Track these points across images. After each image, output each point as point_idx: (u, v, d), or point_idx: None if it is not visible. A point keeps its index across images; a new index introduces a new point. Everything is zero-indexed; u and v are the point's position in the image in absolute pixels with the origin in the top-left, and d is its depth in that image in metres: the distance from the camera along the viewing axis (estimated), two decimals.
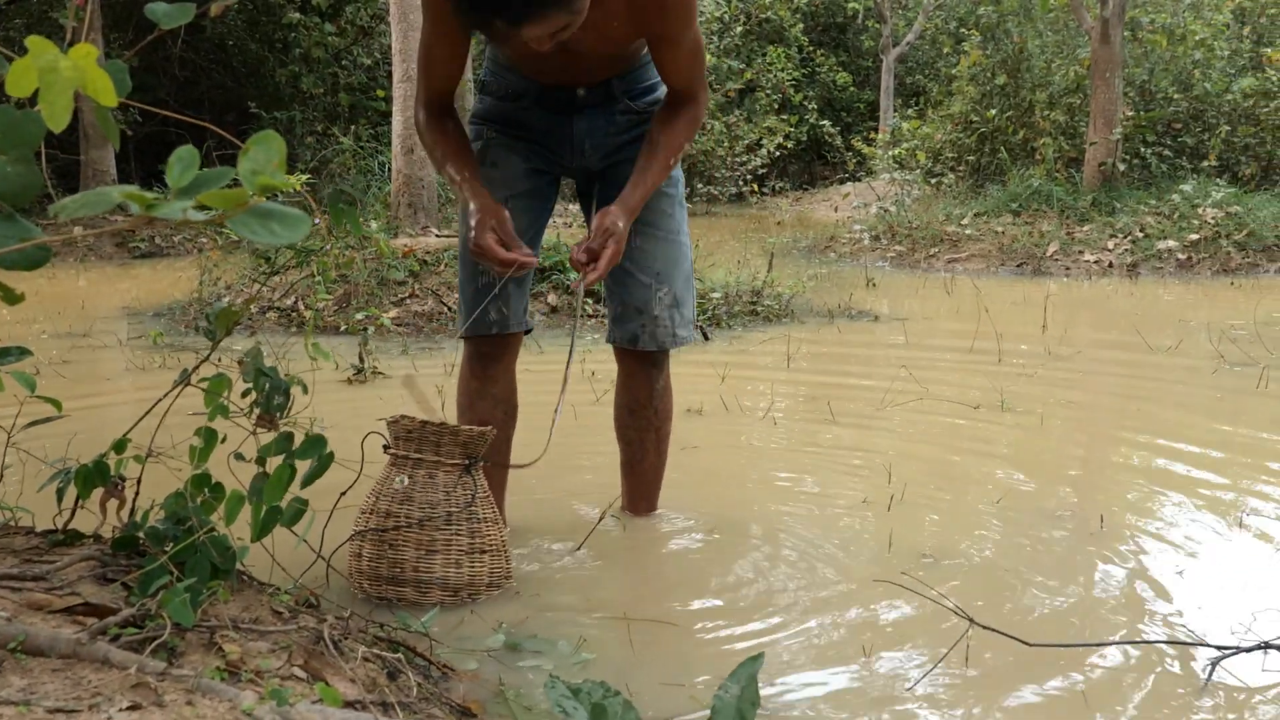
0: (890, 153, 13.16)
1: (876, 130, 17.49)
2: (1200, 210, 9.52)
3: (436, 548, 2.37)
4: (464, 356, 2.78)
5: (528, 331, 2.78)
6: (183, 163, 0.98)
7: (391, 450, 2.44)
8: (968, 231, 10.14)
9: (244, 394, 2.00)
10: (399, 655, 1.82)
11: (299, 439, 2.02)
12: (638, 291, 2.70)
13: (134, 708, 1.30)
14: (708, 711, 1.52)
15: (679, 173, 2.73)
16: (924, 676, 2.06)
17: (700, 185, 16.69)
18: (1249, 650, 2.14)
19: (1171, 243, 9.22)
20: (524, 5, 2.03)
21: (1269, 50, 12.18)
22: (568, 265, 6.74)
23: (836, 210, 14.29)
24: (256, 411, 2.02)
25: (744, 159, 16.13)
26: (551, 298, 6.62)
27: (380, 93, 14.82)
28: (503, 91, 2.66)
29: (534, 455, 2.47)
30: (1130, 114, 11.10)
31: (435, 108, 2.52)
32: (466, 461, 2.41)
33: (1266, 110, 11.41)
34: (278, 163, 1.01)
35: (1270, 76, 11.56)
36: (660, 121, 2.55)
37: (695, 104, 2.55)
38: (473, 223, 2.40)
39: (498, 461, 2.73)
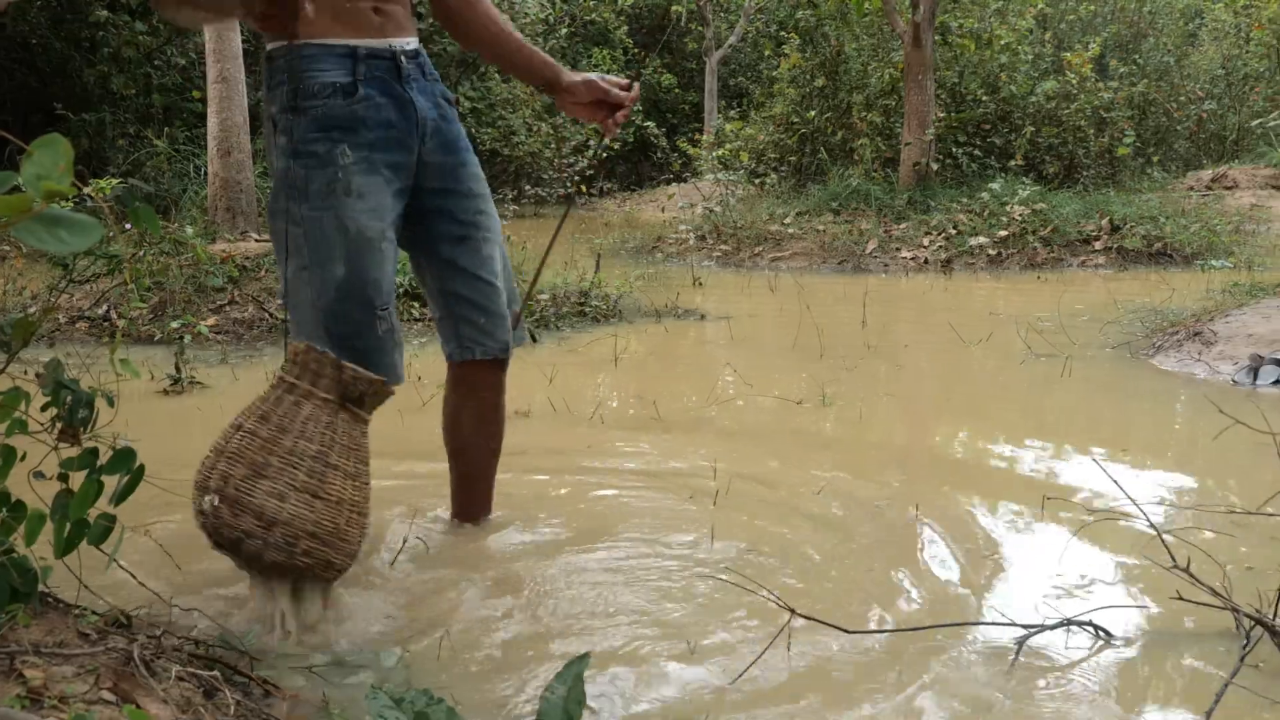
0: (715, 153, 13.35)
1: (701, 131, 17.72)
2: (1009, 208, 9.94)
3: (268, 473, 2.12)
4: None
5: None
6: None
7: (282, 374, 2.23)
8: (790, 230, 10.36)
9: (43, 408, 1.91)
10: (215, 673, 1.77)
11: (106, 454, 1.94)
12: (498, 299, 2.64)
13: None
14: (534, 714, 1.52)
15: None
16: (748, 668, 2.10)
17: (528, 187, 16.66)
18: (1053, 628, 2.26)
19: (982, 239, 9.59)
20: None
21: (1068, 54, 12.79)
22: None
23: (663, 210, 14.40)
24: (58, 426, 1.94)
25: (571, 160, 16.16)
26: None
27: (196, 94, 14.35)
28: (331, 88, 2.37)
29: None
30: (942, 115, 11.52)
31: None
32: (337, 401, 2.22)
33: (1067, 111, 11.98)
34: (64, 166, 0.97)
35: (1070, 79, 12.15)
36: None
37: None
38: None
39: None
